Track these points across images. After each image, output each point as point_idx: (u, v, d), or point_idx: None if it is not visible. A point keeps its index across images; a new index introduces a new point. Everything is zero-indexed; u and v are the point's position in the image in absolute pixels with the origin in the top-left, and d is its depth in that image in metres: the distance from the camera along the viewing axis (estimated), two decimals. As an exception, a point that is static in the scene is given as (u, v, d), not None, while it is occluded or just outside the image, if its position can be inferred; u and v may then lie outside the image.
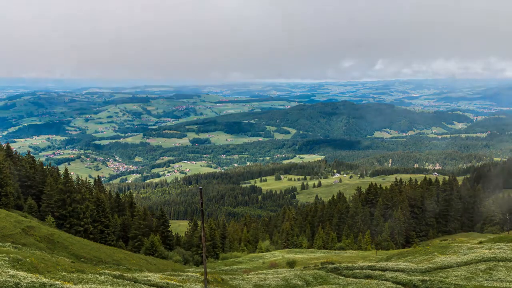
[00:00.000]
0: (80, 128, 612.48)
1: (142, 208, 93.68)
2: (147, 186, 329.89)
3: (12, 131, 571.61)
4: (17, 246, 33.62)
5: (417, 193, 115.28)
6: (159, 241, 70.28)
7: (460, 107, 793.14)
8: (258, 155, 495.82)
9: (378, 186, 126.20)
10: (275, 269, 44.44)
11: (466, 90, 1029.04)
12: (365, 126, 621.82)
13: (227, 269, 58.47)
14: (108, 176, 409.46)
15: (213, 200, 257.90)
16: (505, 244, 44.61)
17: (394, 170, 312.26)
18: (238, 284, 33.07)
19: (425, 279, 32.08)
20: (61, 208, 65.59)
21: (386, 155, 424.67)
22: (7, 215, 44.34)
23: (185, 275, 33.44)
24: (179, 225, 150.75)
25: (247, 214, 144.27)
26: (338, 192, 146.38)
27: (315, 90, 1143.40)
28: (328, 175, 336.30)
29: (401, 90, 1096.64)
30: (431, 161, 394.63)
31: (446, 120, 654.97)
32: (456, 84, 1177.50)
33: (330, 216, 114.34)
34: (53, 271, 24.99)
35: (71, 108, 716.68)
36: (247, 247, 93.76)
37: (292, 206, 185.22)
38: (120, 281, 25.04)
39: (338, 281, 34.08)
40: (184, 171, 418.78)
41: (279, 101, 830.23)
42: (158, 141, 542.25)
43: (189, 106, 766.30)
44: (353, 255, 72.14)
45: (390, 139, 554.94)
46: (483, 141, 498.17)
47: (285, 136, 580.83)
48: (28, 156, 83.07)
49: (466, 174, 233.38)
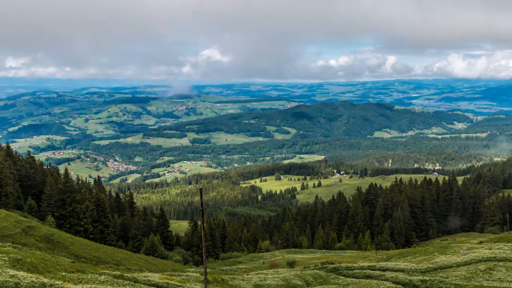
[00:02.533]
0: (80, 128, 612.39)
1: (142, 208, 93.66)
2: (147, 186, 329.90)
3: (12, 131, 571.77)
4: (17, 246, 33.61)
5: (417, 193, 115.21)
6: (159, 241, 70.26)
7: (460, 107, 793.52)
8: (258, 155, 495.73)
9: (378, 186, 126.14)
10: (275, 269, 44.44)
11: (466, 90, 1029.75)
12: (365, 126, 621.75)
13: (227, 269, 58.48)
14: (108, 176, 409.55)
15: (213, 200, 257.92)
16: (505, 244, 44.61)
17: (394, 170, 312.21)
18: (238, 284, 33.06)
19: (425, 279, 32.08)
20: (61, 208, 65.57)
21: (386, 155, 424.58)
22: (7, 215, 44.33)
23: (185, 275, 33.43)
24: (179, 225, 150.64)
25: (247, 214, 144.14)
26: (338, 192, 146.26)
27: (315, 90, 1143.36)
28: (328, 175, 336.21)
29: (401, 90, 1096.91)
30: (431, 161, 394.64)
31: (446, 120, 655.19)
32: (456, 84, 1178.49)
33: (330, 216, 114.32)
34: (53, 271, 24.98)
35: (71, 108, 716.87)
36: (247, 247, 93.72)
37: (292, 206, 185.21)
38: (120, 281, 25.03)
39: (338, 281, 34.06)
40: (184, 171, 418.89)
41: (279, 101, 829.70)
42: (158, 141, 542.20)
43: (189, 106, 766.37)
44: (353, 255, 72.15)
45: (390, 139, 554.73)
46: (483, 141, 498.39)
47: (285, 136, 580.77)
48: (28, 156, 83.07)
49: (466, 174, 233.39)
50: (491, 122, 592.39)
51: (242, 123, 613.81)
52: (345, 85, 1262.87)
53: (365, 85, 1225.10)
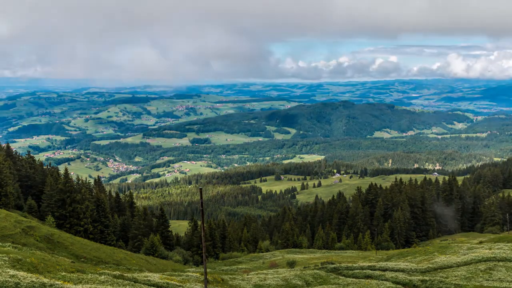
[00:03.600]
0: (80, 128, 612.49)
1: (142, 208, 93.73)
2: (147, 186, 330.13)
3: (12, 131, 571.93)
4: (17, 246, 33.60)
5: (417, 193, 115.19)
6: (159, 241, 70.25)
7: (460, 107, 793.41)
8: (258, 155, 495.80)
9: (378, 186, 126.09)
10: (275, 269, 44.45)
11: (466, 90, 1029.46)
12: (365, 126, 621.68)
13: (227, 269, 58.52)
14: (108, 176, 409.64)
15: (213, 200, 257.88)
16: (505, 244, 44.63)
17: (394, 170, 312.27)
18: (238, 284, 33.07)
19: (425, 279, 32.09)
20: (61, 208, 65.56)
21: (386, 155, 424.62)
22: (7, 215, 44.32)
23: (185, 275, 33.43)
24: (179, 225, 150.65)
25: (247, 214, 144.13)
26: (338, 192, 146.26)
27: (315, 90, 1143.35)
28: (328, 175, 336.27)
29: (401, 90, 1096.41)
30: (431, 161, 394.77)
31: (446, 120, 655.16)
32: (456, 84, 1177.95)
33: (330, 216, 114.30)
34: (53, 271, 24.99)
35: (71, 108, 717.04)
36: (247, 247, 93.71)
37: (292, 206, 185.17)
38: (120, 281, 25.04)
39: (338, 281, 34.07)
40: (184, 171, 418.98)
41: (279, 101, 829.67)
42: (158, 141, 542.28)
43: (189, 106, 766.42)
44: (353, 255, 72.17)
45: (390, 139, 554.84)
46: (483, 141, 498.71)
47: (285, 136, 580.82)
48: (28, 156, 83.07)
49: (466, 174, 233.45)
50: (491, 122, 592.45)
51: (242, 123, 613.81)
52: (345, 85, 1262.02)
53: (365, 85, 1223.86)
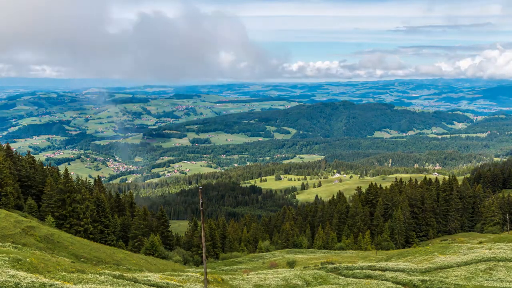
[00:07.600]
0: (80, 128, 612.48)
1: (142, 208, 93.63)
2: (147, 186, 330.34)
3: (12, 131, 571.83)
4: (17, 246, 33.60)
5: (417, 193, 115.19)
6: (159, 241, 70.27)
7: (460, 107, 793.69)
8: (258, 155, 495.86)
9: (378, 186, 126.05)
10: (275, 269, 44.46)
11: (466, 90, 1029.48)
12: (365, 126, 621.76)
13: (227, 269, 58.53)
14: (108, 176, 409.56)
15: (213, 200, 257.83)
16: (505, 244, 44.65)
17: (394, 170, 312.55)
18: (238, 284, 33.06)
19: (425, 279, 32.08)
20: (61, 208, 65.55)
21: (386, 155, 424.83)
22: (7, 215, 44.34)
23: (185, 275, 33.44)
24: (179, 225, 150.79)
25: (247, 214, 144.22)
26: (338, 192, 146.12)
27: (315, 90, 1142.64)
28: (328, 175, 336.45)
29: (401, 90, 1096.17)
30: (431, 161, 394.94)
31: (446, 120, 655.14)
32: (456, 84, 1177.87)
33: (330, 216, 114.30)
34: (53, 271, 24.99)
35: (71, 108, 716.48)
36: (247, 247, 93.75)
37: (292, 206, 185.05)
38: (120, 281, 25.04)
39: (338, 281, 34.07)
40: (184, 171, 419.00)
41: (279, 101, 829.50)
42: (158, 141, 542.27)
43: (189, 106, 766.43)
44: (353, 255, 72.21)
45: (390, 139, 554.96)
46: (483, 141, 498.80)
47: (285, 136, 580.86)
48: (28, 156, 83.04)
49: (466, 174, 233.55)
50: (491, 122, 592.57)
51: (242, 123, 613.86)
52: (345, 85, 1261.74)
53: (365, 85, 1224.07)
